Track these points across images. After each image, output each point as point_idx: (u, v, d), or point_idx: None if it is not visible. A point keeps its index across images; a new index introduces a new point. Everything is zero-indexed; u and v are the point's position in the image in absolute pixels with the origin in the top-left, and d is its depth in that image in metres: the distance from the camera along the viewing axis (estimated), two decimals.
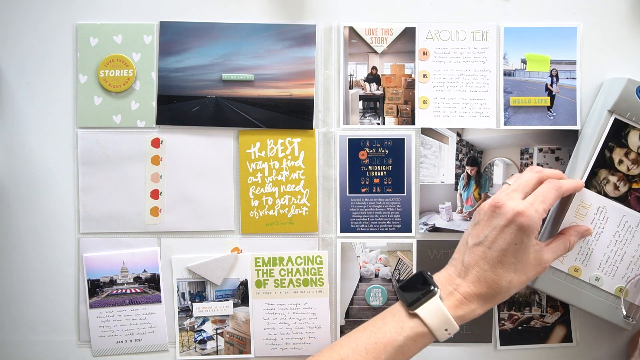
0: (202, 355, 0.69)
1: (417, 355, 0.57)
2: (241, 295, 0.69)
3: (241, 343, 0.69)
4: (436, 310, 0.55)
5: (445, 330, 0.55)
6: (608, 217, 0.63)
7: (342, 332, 0.69)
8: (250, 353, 0.69)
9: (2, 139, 0.69)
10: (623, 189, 0.64)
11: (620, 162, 0.64)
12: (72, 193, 0.69)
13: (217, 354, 0.69)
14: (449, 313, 0.55)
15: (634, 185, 0.64)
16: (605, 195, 0.64)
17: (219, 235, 0.69)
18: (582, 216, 0.63)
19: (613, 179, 0.64)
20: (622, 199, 0.64)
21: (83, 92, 0.68)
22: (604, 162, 0.64)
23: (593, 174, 0.64)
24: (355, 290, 0.69)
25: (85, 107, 0.68)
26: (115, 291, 0.68)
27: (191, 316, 0.69)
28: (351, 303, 0.69)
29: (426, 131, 0.69)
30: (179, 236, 0.69)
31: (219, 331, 0.69)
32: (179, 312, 0.69)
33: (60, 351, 0.69)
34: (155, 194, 0.69)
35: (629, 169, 0.64)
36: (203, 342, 0.69)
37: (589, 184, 0.64)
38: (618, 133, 0.63)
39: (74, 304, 0.69)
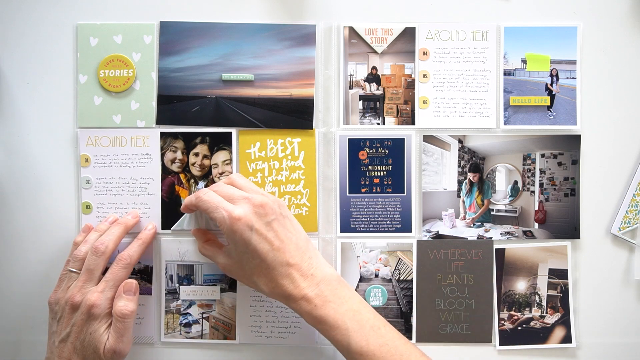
0: (187, 338, 0.69)
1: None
2: (229, 280, 0.69)
3: (226, 328, 0.69)
4: None
5: None
6: None
7: None
8: (234, 339, 0.69)
9: (2, 139, 0.69)
10: None
11: None
12: (73, 193, 0.69)
13: (201, 338, 0.69)
14: None
15: None
16: None
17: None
18: None
19: None
20: None
21: (83, 92, 0.68)
22: None
23: None
24: (356, 290, 0.69)
25: (85, 107, 0.68)
26: None
27: (178, 299, 0.69)
28: None
29: (428, 138, 0.69)
30: (177, 235, 0.69)
31: (204, 315, 0.69)
32: (166, 294, 0.69)
33: None
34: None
35: None
36: (188, 325, 0.69)
37: None
38: None
39: None
